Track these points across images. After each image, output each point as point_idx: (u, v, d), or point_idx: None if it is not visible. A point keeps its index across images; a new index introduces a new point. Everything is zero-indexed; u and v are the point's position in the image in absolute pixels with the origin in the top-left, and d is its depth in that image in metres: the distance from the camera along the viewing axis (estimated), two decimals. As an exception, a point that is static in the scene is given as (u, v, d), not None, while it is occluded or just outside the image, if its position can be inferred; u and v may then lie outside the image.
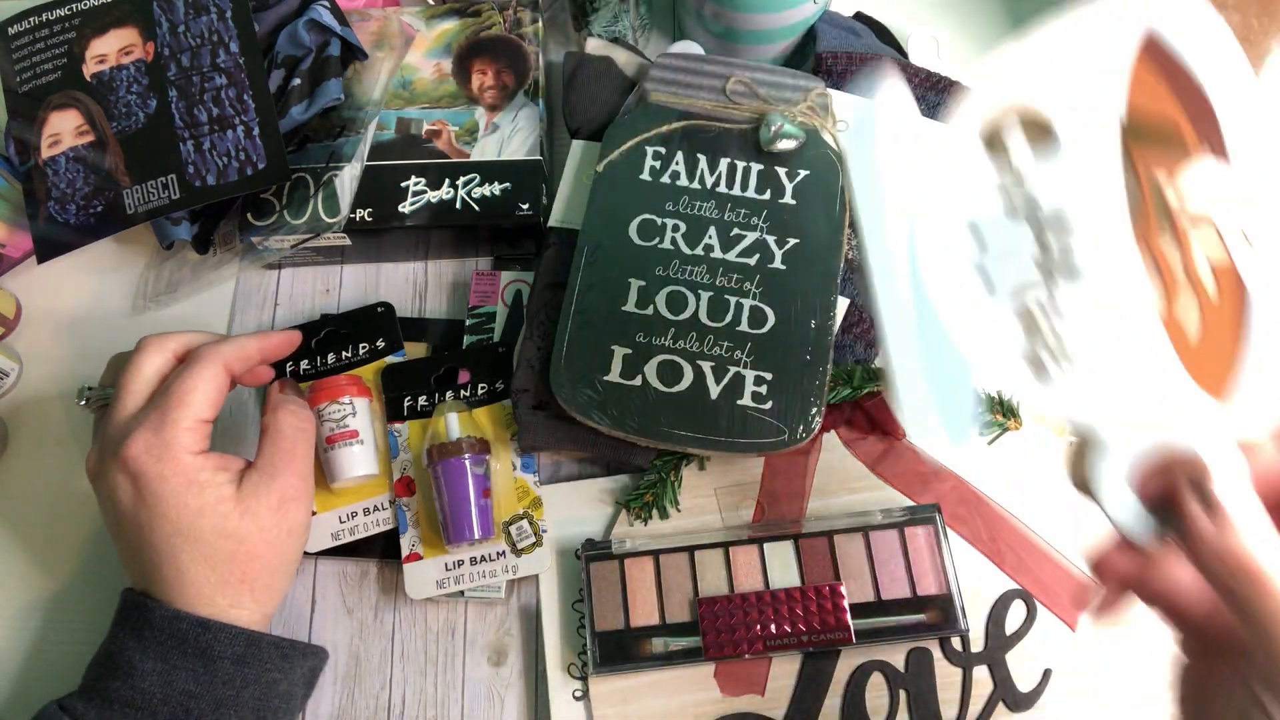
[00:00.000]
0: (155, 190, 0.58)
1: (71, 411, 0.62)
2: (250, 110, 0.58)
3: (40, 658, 0.56)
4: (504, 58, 0.65)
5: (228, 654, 0.44)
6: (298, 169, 0.61)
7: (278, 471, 0.47)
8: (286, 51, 0.61)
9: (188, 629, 0.44)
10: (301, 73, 0.61)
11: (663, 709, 0.51)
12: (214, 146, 0.58)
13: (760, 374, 0.53)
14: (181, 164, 0.58)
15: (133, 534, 0.46)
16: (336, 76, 0.61)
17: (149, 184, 0.58)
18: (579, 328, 0.54)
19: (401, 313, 0.63)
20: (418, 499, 0.56)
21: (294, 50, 0.61)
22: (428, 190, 0.61)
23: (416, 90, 0.65)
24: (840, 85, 0.63)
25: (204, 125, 0.58)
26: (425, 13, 0.67)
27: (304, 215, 0.60)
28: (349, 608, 0.56)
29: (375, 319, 0.61)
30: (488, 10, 0.67)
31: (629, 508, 0.55)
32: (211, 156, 0.58)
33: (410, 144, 0.63)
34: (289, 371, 0.60)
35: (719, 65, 0.61)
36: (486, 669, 0.55)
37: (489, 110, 0.64)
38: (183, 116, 0.58)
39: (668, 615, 0.52)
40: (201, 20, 0.60)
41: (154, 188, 0.58)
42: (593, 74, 0.63)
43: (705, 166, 0.59)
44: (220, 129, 0.58)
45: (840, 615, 0.51)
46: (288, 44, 0.61)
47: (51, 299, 0.65)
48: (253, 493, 0.46)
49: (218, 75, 0.59)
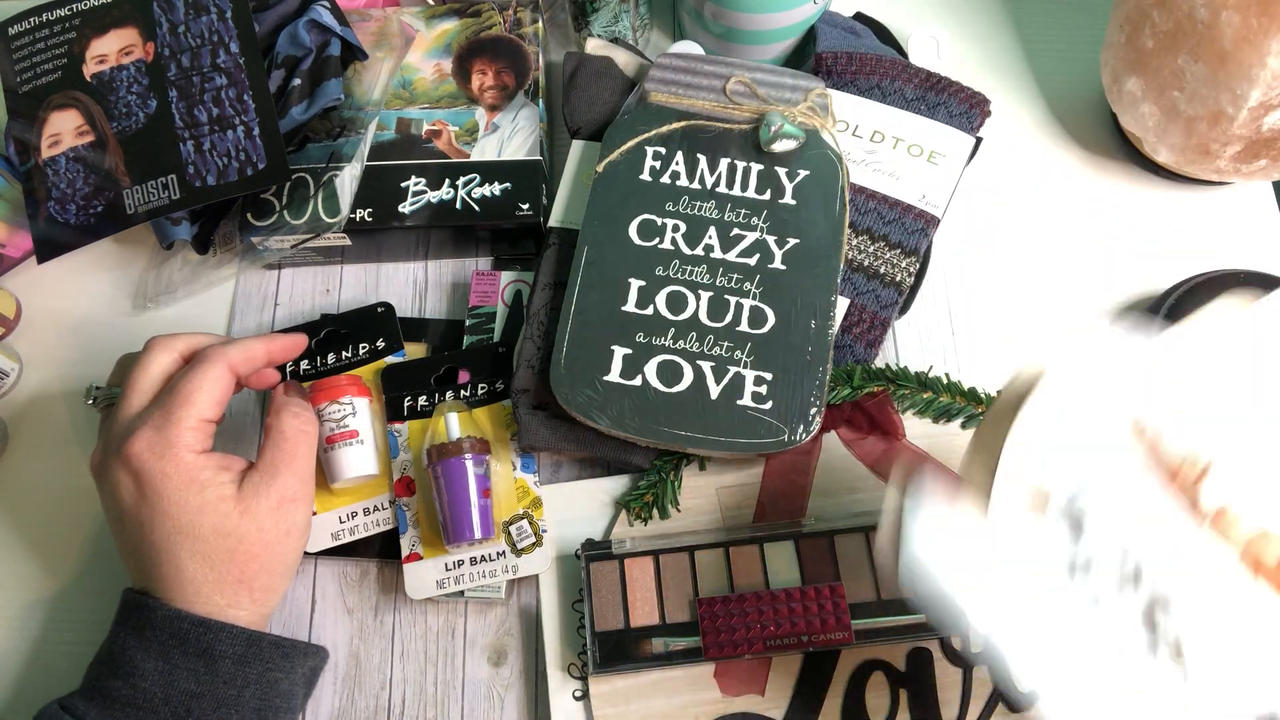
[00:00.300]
0: (155, 190, 0.58)
1: (72, 411, 0.62)
2: (250, 110, 0.58)
3: (41, 658, 0.56)
4: (504, 58, 0.65)
5: (229, 653, 0.45)
6: (298, 169, 0.61)
7: (278, 473, 0.47)
8: (286, 51, 0.61)
9: (189, 628, 0.44)
10: (301, 73, 0.61)
11: (663, 709, 0.51)
12: (214, 147, 0.58)
13: (760, 374, 0.53)
14: (181, 164, 0.58)
15: (133, 531, 0.46)
16: (336, 76, 0.61)
17: (149, 184, 0.58)
18: (579, 328, 0.54)
19: (401, 313, 0.63)
20: (418, 499, 0.56)
21: (294, 50, 0.61)
22: (428, 190, 0.61)
23: (416, 90, 0.65)
24: (840, 85, 0.63)
25: (204, 125, 0.58)
26: (425, 13, 0.67)
27: (304, 215, 0.60)
28: (349, 608, 0.56)
29: (375, 319, 0.61)
30: (488, 10, 0.67)
31: (629, 508, 0.55)
32: (211, 157, 0.58)
33: (410, 144, 0.63)
34: (290, 372, 0.60)
35: (719, 65, 0.61)
36: (486, 669, 0.55)
37: (489, 110, 0.64)
38: (183, 117, 0.58)
39: (668, 615, 0.52)
40: (201, 20, 0.60)
41: (154, 188, 0.58)
42: (593, 74, 0.63)
43: (705, 167, 0.59)
44: (220, 129, 0.58)
45: (840, 615, 0.51)
46: (288, 44, 0.61)
47: (51, 299, 0.65)
48: (253, 493, 0.46)
49: (218, 75, 0.59)
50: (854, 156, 0.62)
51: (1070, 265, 0.64)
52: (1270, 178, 0.60)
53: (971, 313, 0.63)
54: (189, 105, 0.59)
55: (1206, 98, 0.55)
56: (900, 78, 0.63)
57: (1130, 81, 0.60)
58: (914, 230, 0.60)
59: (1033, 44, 0.72)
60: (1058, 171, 0.68)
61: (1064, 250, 0.65)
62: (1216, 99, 0.55)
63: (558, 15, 0.71)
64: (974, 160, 0.63)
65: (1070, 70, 0.71)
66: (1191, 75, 0.55)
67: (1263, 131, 0.55)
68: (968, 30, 0.72)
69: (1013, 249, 0.65)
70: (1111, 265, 0.64)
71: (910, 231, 0.60)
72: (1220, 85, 0.54)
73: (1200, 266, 0.60)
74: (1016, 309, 0.63)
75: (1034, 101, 0.70)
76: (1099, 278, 0.64)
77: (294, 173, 0.61)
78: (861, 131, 0.62)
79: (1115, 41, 0.61)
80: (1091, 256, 0.65)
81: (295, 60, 0.61)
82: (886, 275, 0.59)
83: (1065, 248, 0.65)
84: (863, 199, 0.61)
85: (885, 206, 0.60)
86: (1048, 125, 0.69)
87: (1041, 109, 0.70)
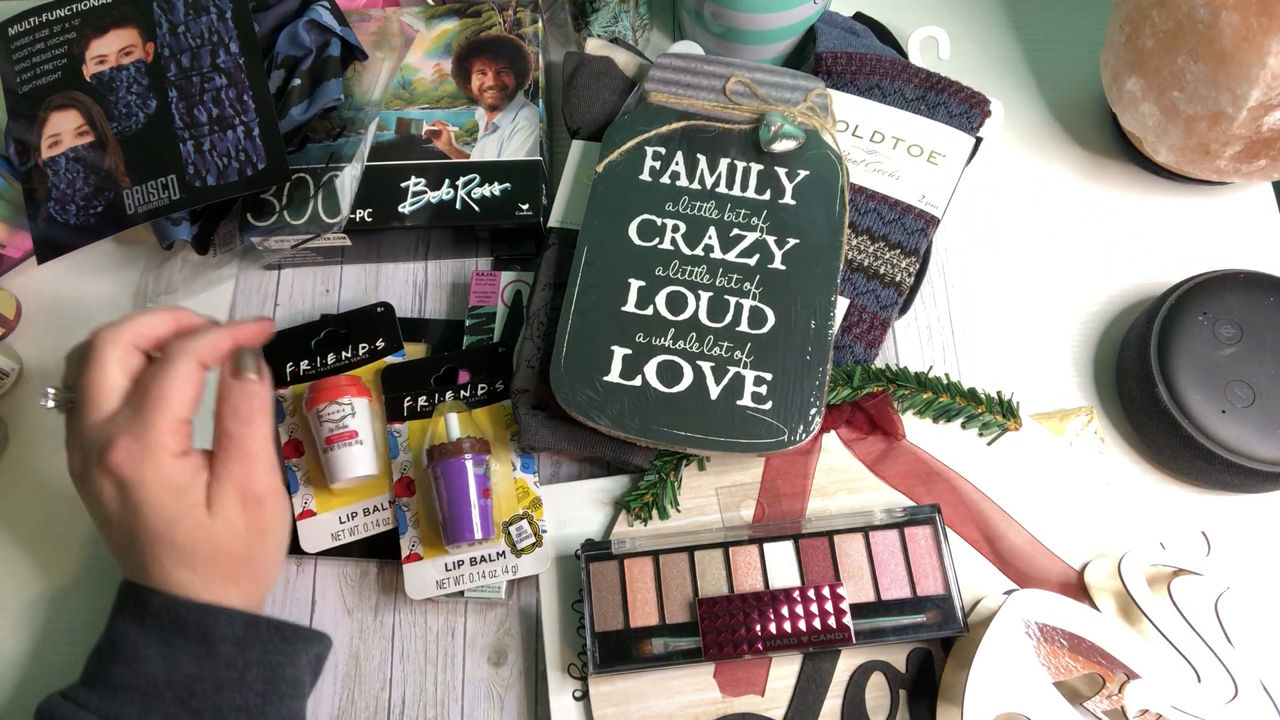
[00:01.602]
0: (155, 191, 0.58)
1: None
2: (250, 111, 0.58)
3: (41, 657, 0.56)
4: (504, 58, 0.65)
5: (228, 636, 0.45)
6: (298, 169, 0.61)
7: (231, 475, 0.46)
8: (286, 52, 0.61)
9: (187, 613, 0.44)
10: (301, 73, 0.61)
11: (662, 709, 0.51)
12: (214, 147, 0.58)
13: (760, 374, 0.53)
14: (181, 164, 0.58)
15: (120, 535, 0.46)
16: (336, 77, 0.61)
17: (149, 184, 0.58)
18: (579, 328, 0.54)
19: (401, 313, 0.63)
20: (417, 499, 0.56)
21: (294, 50, 0.61)
22: (428, 190, 0.61)
23: (416, 90, 0.65)
24: (840, 85, 0.63)
25: (204, 126, 0.58)
26: (425, 13, 0.67)
27: (304, 215, 0.60)
28: (349, 608, 0.56)
29: (375, 319, 0.61)
30: (488, 10, 0.67)
31: (629, 508, 0.55)
32: (212, 157, 0.58)
33: (410, 144, 0.63)
34: (289, 372, 0.60)
35: (719, 65, 0.61)
36: (486, 669, 0.55)
37: (489, 110, 0.64)
38: (183, 117, 0.58)
39: (667, 615, 0.52)
40: (201, 20, 0.60)
41: (154, 188, 0.58)
42: (592, 74, 0.63)
43: (705, 167, 0.59)
44: (220, 129, 0.58)
45: (840, 616, 0.51)
46: (288, 44, 0.61)
47: (51, 299, 0.65)
48: (216, 496, 0.46)
49: (218, 75, 0.59)
50: (854, 156, 0.62)
51: (1070, 265, 0.64)
52: (1270, 178, 0.60)
53: (971, 313, 0.63)
54: (189, 105, 0.59)
55: (1206, 98, 0.55)
56: (900, 78, 0.63)
57: (1130, 81, 0.60)
58: (914, 230, 0.60)
59: (1033, 44, 0.72)
60: (1058, 171, 0.68)
61: (1064, 250, 0.65)
62: (1216, 99, 0.55)
63: (558, 15, 0.71)
64: (974, 160, 0.63)
65: (1070, 70, 0.71)
66: (1191, 75, 0.55)
67: (1262, 131, 0.55)
68: (968, 30, 0.72)
69: (1013, 249, 0.65)
70: (1111, 265, 0.64)
71: (910, 232, 0.60)
72: (1220, 85, 0.54)
73: (1200, 266, 0.60)
74: (1016, 309, 0.63)
75: (1034, 101, 0.70)
76: (1099, 277, 0.64)
77: (294, 173, 0.61)
78: (861, 132, 0.62)
79: (1115, 41, 0.61)
80: (1091, 256, 0.65)
81: (295, 60, 0.61)
82: (886, 275, 0.59)
83: (1065, 248, 0.65)
84: (863, 199, 0.61)
85: (885, 207, 0.60)
86: (1048, 125, 0.69)
87: (1041, 109, 0.70)
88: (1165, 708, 0.47)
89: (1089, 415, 0.59)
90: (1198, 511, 0.58)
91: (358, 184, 0.61)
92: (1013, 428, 0.57)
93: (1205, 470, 0.55)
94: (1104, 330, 0.63)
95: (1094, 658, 0.49)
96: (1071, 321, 0.63)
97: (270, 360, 0.60)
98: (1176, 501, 0.58)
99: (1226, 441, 0.54)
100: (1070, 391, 0.61)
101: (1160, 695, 0.47)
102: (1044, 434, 0.57)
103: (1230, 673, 0.48)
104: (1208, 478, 0.56)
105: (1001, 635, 0.49)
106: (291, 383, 0.60)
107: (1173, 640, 0.49)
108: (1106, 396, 0.61)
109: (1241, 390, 0.55)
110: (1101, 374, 0.62)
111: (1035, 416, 0.58)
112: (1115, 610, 0.52)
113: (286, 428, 0.59)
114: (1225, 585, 0.49)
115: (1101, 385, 0.61)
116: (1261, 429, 0.54)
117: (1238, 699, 0.47)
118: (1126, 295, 0.64)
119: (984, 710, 0.47)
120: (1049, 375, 0.61)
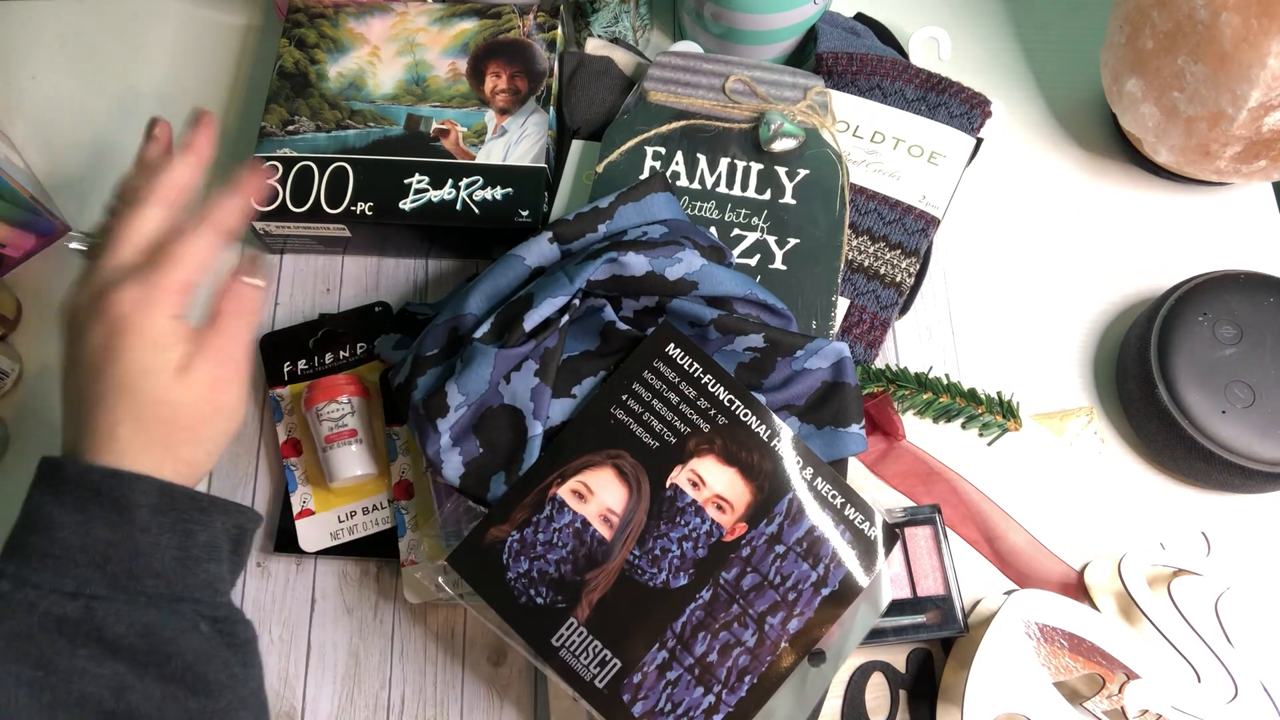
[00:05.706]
0: None
1: (71, 411, 0.62)
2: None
3: (40, 657, 0.56)
4: (519, 62, 0.65)
5: (143, 503, 0.45)
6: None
7: (210, 349, 0.47)
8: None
9: (100, 479, 0.44)
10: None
11: (662, 709, 0.51)
12: None
13: (760, 374, 0.53)
14: None
15: (84, 378, 0.46)
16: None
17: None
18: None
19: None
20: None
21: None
22: (429, 189, 0.61)
23: (430, 88, 0.64)
24: (841, 86, 0.63)
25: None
26: (443, 11, 0.67)
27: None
28: (349, 607, 0.56)
29: (374, 318, 0.61)
30: (509, 13, 0.66)
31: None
32: None
33: (417, 141, 0.63)
34: (288, 372, 0.60)
35: (718, 64, 0.61)
36: (486, 669, 0.55)
37: (499, 114, 0.63)
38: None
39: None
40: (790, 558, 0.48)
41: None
42: (592, 74, 0.63)
43: (705, 166, 0.59)
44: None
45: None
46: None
47: (52, 299, 0.65)
48: (190, 366, 0.47)
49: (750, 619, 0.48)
50: (855, 157, 0.62)
51: (1070, 266, 0.64)
52: (1270, 178, 0.60)
53: (971, 313, 0.63)
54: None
55: (1206, 98, 0.55)
56: (901, 78, 0.63)
57: (1130, 82, 0.60)
58: (914, 231, 0.60)
59: (1033, 44, 0.72)
60: (1058, 172, 0.68)
61: (1064, 251, 0.65)
62: (1216, 100, 0.55)
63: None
64: (974, 161, 0.63)
65: (1070, 70, 0.71)
66: (1191, 76, 0.55)
67: (1263, 132, 0.55)
68: (968, 30, 0.72)
69: (1013, 249, 0.65)
70: (1111, 265, 0.64)
71: (910, 232, 0.60)
72: (1220, 86, 0.54)
73: (1200, 267, 0.60)
74: (1016, 309, 0.63)
75: (1034, 102, 0.70)
76: (1099, 278, 0.64)
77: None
78: (862, 132, 0.62)
79: (1115, 42, 0.61)
80: (1091, 257, 0.65)
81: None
82: (886, 276, 0.59)
83: (1065, 248, 0.65)
84: (863, 199, 0.61)
85: (886, 207, 0.60)
86: (1048, 125, 0.69)
87: (1041, 109, 0.70)
88: (1165, 708, 0.47)
89: (1089, 416, 0.59)
90: (1198, 511, 0.58)
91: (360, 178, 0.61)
92: (1013, 428, 0.57)
93: (1205, 470, 0.55)
94: (1104, 331, 0.63)
95: (1094, 658, 0.49)
96: (1071, 322, 0.63)
97: (269, 360, 0.61)
98: (1176, 502, 0.58)
99: (1226, 442, 0.54)
100: (1070, 392, 0.61)
101: (1160, 695, 0.47)
102: (1044, 434, 0.57)
103: (1230, 673, 0.48)
104: (1207, 478, 0.56)
105: (1001, 635, 0.49)
106: (289, 382, 0.60)
107: (1173, 640, 0.49)
108: (1106, 397, 0.61)
109: (1241, 391, 0.55)
110: (1101, 374, 0.62)
111: (1035, 417, 0.59)
112: (1115, 610, 0.52)
113: (285, 427, 0.59)
114: (1225, 585, 0.50)
115: (1101, 386, 0.61)
116: (1261, 429, 0.54)
117: (1238, 699, 0.47)
118: (1126, 296, 0.64)
119: (984, 710, 0.47)
120: (1049, 376, 0.61)
